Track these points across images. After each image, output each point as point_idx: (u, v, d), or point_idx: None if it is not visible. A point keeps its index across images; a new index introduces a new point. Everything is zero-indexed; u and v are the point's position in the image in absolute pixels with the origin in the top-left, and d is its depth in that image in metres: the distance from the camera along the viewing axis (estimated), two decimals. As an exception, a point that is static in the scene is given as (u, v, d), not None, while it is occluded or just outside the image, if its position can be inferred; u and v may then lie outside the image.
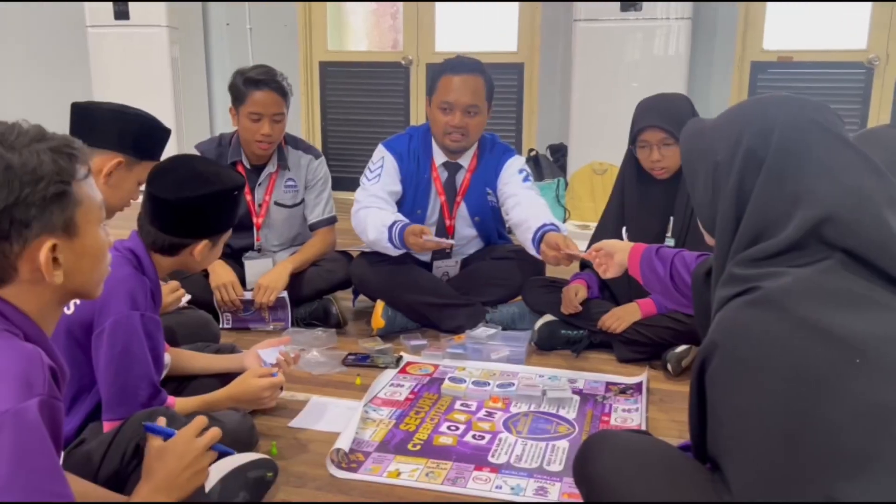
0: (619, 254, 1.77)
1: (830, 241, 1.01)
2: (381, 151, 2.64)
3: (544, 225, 2.35)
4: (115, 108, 1.85)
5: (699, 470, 1.12)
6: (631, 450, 1.21)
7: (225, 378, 1.81)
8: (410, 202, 2.63)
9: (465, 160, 2.64)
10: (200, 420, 1.18)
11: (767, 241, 1.05)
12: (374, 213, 2.47)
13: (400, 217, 2.46)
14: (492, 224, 2.73)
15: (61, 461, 0.94)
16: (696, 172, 1.20)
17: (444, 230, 2.65)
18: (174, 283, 2.14)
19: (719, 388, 1.04)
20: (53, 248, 0.92)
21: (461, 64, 2.56)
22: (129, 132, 1.81)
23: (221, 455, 1.24)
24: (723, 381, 1.03)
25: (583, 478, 1.24)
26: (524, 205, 2.51)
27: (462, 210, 2.66)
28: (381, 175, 2.58)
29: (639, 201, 2.41)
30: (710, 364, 1.05)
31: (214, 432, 1.17)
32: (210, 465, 1.17)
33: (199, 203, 1.51)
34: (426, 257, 2.69)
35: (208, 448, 1.16)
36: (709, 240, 1.22)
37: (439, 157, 2.63)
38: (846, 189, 1.03)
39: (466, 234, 2.71)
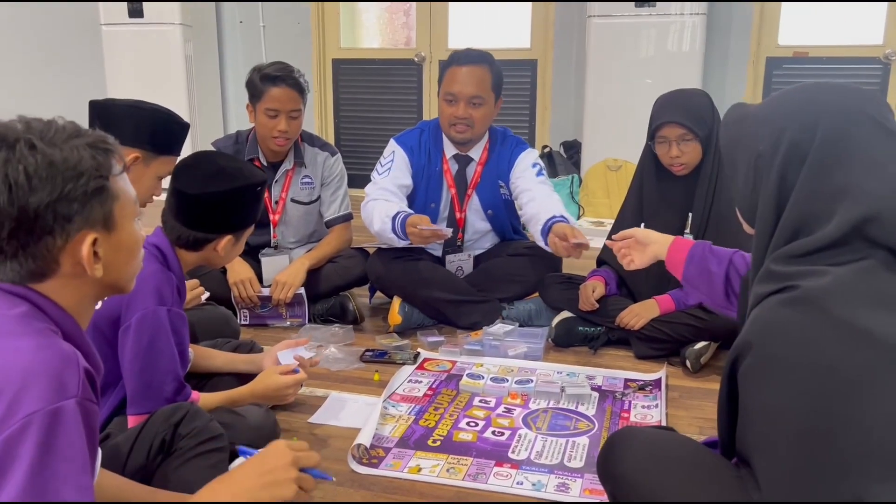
0: (655, 245, 1.64)
1: (874, 239, 0.98)
2: (391, 146, 2.66)
3: (553, 217, 2.36)
4: (130, 104, 1.85)
5: (726, 467, 1.11)
6: (656, 446, 1.19)
7: (244, 375, 1.82)
8: (423, 195, 2.64)
9: (476, 153, 2.64)
10: (301, 443, 1.12)
11: (807, 238, 1.02)
12: (380, 205, 2.48)
13: (404, 208, 2.47)
14: (505, 217, 2.73)
15: (98, 461, 0.94)
16: (736, 161, 1.16)
17: (455, 223, 2.66)
18: (194, 282, 2.15)
19: (752, 386, 1.02)
20: (94, 242, 0.92)
21: (466, 55, 2.56)
22: (145, 126, 1.81)
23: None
24: (756, 378, 1.01)
25: (607, 475, 1.22)
26: (538, 200, 2.51)
27: (475, 203, 2.66)
28: (392, 169, 2.59)
29: (658, 197, 2.40)
30: (744, 361, 1.03)
31: (313, 455, 1.09)
32: (304, 487, 1.07)
33: (223, 198, 1.51)
34: (438, 252, 2.69)
35: (300, 466, 1.07)
36: (748, 230, 1.19)
37: (449, 150, 2.64)
38: (893, 186, 0.99)
39: (480, 228, 2.71)
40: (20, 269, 0.92)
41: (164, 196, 1.67)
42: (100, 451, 1.01)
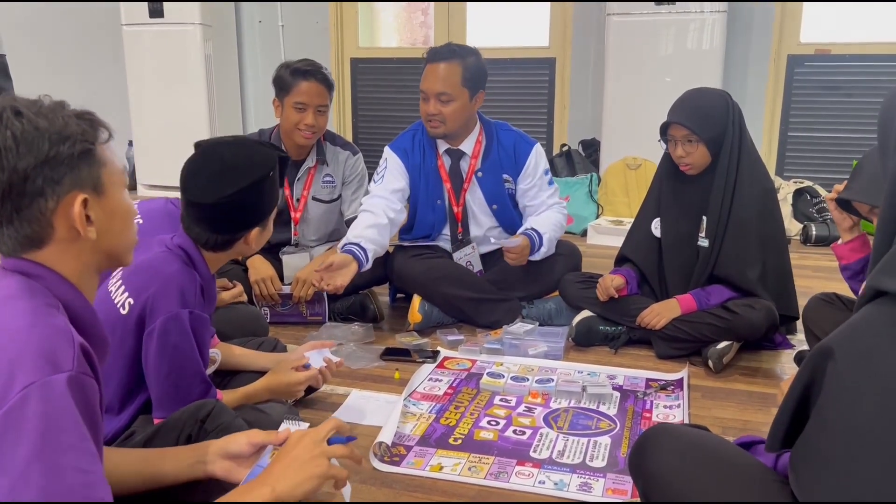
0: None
1: None
2: (385, 153, 2.68)
3: (526, 229, 2.55)
4: (230, 142, 1.60)
5: (765, 470, 1.08)
6: (692, 445, 1.15)
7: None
8: (424, 193, 2.65)
9: (468, 146, 2.63)
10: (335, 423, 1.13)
11: None
12: (356, 221, 2.52)
13: (355, 241, 2.40)
14: (512, 212, 2.69)
15: (101, 436, 0.94)
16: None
17: (453, 217, 2.65)
18: (238, 290, 2.17)
19: (841, 394, 0.91)
20: (85, 203, 0.96)
21: (435, 53, 2.57)
22: None
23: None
24: (849, 385, 0.90)
25: (639, 471, 1.19)
26: (537, 215, 2.63)
27: (478, 198, 2.65)
28: (385, 175, 2.62)
29: (672, 196, 2.39)
30: (835, 363, 0.92)
31: (328, 423, 1.11)
32: (334, 455, 1.08)
33: (242, 196, 1.47)
34: (447, 247, 2.68)
35: (321, 438, 1.08)
36: None
37: (442, 146, 2.65)
38: None
39: (485, 223, 2.69)
40: (17, 236, 0.95)
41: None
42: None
